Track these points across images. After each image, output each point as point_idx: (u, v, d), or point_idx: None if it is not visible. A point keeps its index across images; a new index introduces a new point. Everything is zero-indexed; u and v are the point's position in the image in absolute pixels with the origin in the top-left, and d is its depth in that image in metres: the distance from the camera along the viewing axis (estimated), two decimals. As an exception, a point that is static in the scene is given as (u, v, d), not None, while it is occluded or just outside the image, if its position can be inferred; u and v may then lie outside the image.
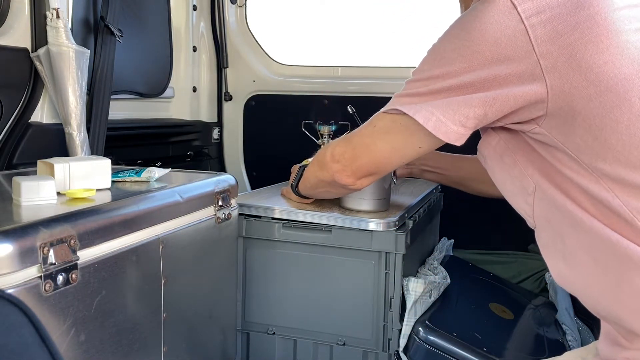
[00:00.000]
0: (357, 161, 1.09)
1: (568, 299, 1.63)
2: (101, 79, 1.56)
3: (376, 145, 1.04)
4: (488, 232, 2.00)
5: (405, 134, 0.97)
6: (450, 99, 0.88)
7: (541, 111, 0.83)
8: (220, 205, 1.25)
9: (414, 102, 0.92)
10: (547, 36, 0.80)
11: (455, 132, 0.89)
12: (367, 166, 1.09)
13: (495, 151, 0.97)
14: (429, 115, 0.90)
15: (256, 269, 1.46)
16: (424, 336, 1.30)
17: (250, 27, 2.29)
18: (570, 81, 0.80)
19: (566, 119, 0.82)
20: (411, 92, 0.94)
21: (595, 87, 0.79)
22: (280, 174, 1.85)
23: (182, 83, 2.17)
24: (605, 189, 0.81)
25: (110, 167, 1.10)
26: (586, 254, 0.85)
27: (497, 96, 0.84)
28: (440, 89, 0.89)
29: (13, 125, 1.41)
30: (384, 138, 1.02)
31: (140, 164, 1.85)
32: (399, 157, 1.04)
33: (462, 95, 0.86)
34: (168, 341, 1.08)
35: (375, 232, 1.33)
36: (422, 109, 0.90)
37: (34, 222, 0.81)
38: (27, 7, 1.41)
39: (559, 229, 0.88)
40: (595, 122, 0.80)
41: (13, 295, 0.74)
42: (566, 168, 0.85)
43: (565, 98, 0.80)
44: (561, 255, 0.90)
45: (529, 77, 0.81)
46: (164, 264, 1.06)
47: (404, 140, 0.99)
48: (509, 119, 0.87)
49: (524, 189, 0.92)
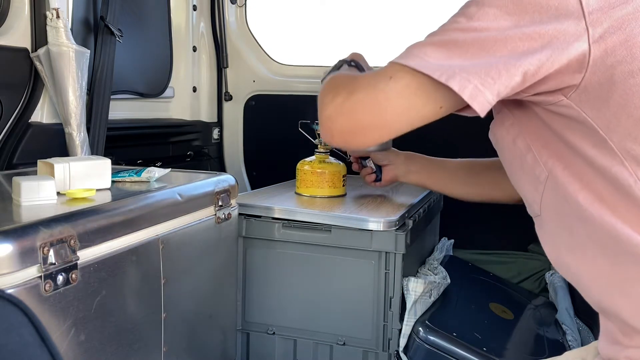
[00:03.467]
0: (353, 120, 0.88)
1: (568, 299, 1.63)
2: (101, 79, 1.56)
3: (389, 101, 0.85)
4: (488, 232, 1.99)
5: (427, 92, 0.83)
6: (488, 62, 0.79)
7: (575, 81, 0.79)
8: (220, 205, 1.25)
9: (443, 58, 0.81)
10: (599, 5, 0.77)
11: (490, 102, 0.80)
12: (364, 126, 0.88)
13: (508, 133, 0.93)
14: (466, 83, 0.78)
15: (256, 269, 1.46)
16: (424, 336, 1.30)
17: (250, 27, 2.29)
18: (615, 54, 0.77)
19: (601, 93, 0.78)
20: (439, 40, 0.82)
21: (639, 61, 0.77)
22: (280, 174, 1.85)
23: (182, 83, 2.17)
24: (628, 173, 0.78)
25: (110, 167, 1.10)
26: (594, 248, 0.84)
27: (539, 59, 0.78)
28: (477, 40, 0.79)
29: (13, 125, 1.41)
30: (401, 94, 0.84)
31: (140, 164, 1.85)
32: (412, 118, 0.86)
33: (502, 56, 0.79)
34: (168, 341, 1.08)
35: (375, 232, 1.33)
36: (456, 73, 0.79)
37: (34, 222, 0.81)
38: (27, 7, 1.41)
39: (568, 220, 0.87)
40: (634, 100, 0.77)
41: (13, 295, 0.74)
42: (588, 148, 0.81)
43: (606, 71, 0.78)
44: (566, 246, 0.89)
45: (575, 42, 0.77)
46: (164, 264, 1.06)
47: (424, 99, 0.84)
48: (537, 88, 0.82)
49: (535, 177, 0.90)
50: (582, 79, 0.79)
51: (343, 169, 1.60)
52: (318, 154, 1.60)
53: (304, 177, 1.58)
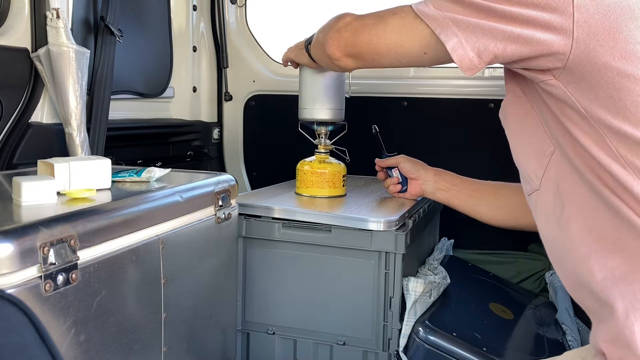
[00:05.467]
0: (356, 37, 1.07)
1: (568, 299, 1.63)
2: (101, 79, 1.56)
3: (385, 31, 1.00)
4: (488, 232, 1.99)
5: (418, 36, 0.95)
6: (476, 22, 0.87)
7: (560, 63, 0.84)
8: (220, 205, 1.25)
9: (444, 8, 0.91)
10: None
11: (470, 59, 0.88)
12: (361, 45, 1.06)
13: (520, 109, 0.97)
14: (452, 36, 0.89)
15: (256, 269, 1.46)
16: (423, 336, 1.30)
17: (250, 27, 2.29)
18: (598, 38, 0.80)
19: (584, 75, 0.82)
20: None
21: (620, 47, 0.80)
22: (280, 174, 1.85)
23: (182, 83, 2.17)
24: (609, 149, 0.82)
25: (110, 167, 1.10)
26: (582, 223, 0.87)
27: (521, 34, 0.84)
28: (469, 4, 0.88)
29: (13, 125, 1.41)
30: (396, 29, 0.99)
31: (140, 164, 1.85)
32: (399, 54, 1.01)
33: (489, 22, 0.86)
34: (168, 341, 1.08)
35: (375, 232, 1.33)
36: (447, 27, 0.89)
37: (34, 222, 0.81)
38: (27, 7, 1.41)
39: (564, 194, 0.90)
40: (614, 82, 0.81)
41: (13, 295, 0.74)
42: (575, 127, 0.86)
43: (589, 54, 0.81)
44: (556, 221, 0.92)
45: (559, 25, 0.82)
46: (164, 264, 1.06)
47: (413, 41, 0.96)
48: (526, 63, 0.88)
49: (542, 151, 0.93)
50: (567, 61, 0.83)
51: (343, 169, 1.60)
52: (318, 154, 1.60)
53: (304, 177, 1.59)
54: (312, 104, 1.55)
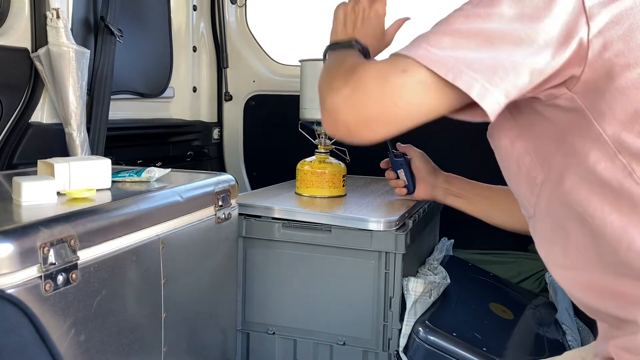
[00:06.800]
0: (364, 108, 0.83)
1: (568, 299, 1.63)
2: (101, 79, 1.56)
3: (402, 97, 0.80)
4: (488, 232, 1.99)
5: (440, 93, 0.79)
6: (493, 57, 0.77)
7: (576, 74, 0.79)
8: (220, 205, 1.25)
9: (448, 47, 0.78)
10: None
11: (499, 103, 0.77)
12: (375, 118, 0.82)
13: (506, 135, 0.92)
14: (472, 81, 0.76)
15: (256, 269, 1.46)
16: (423, 336, 1.30)
17: (250, 27, 2.29)
18: (613, 48, 0.77)
19: (598, 86, 0.79)
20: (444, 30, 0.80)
21: (635, 55, 0.77)
22: (280, 174, 1.85)
23: (182, 83, 2.17)
24: (622, 165, 0.78)
25: (110, 167, 1.10)
26: (589, 249, 0.83)
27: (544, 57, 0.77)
28: (482, 30, 0.78)
29: (13, 125, 1.41)
30: (415, 90, 0.80)
31: (140, 164, 1.85)
32: (425, 116, 0.82)
33: (509, 51, 0.77)
34: (168, 341, 1.08)
35: (375, 232, 1.33)
36: (463, 71, 0.76)
37: (34, 222, 0.81)
38: (27, 7, 1.41)
39: (562, 222, 0.87)
40: (629, 94, 0.78)
41: (13, 295, 0.74)
42: (584, 141, 0.81)
43: (604, 64, 0.78)
44: (561, 247, 0.88)
45: (575, 37, 0.77)
46: (164, 264, 1.06)
47: (437, 99, 0.80)
48: (544, 85, 0.80)
49: (531, 179, 0.89)
50: (582, 73, 0.79)
51: (343, 169, 1.60)
52: (318, 154, 1.60)
53: (304, 177, 1.59)
54: (312, 103, 1.55)
